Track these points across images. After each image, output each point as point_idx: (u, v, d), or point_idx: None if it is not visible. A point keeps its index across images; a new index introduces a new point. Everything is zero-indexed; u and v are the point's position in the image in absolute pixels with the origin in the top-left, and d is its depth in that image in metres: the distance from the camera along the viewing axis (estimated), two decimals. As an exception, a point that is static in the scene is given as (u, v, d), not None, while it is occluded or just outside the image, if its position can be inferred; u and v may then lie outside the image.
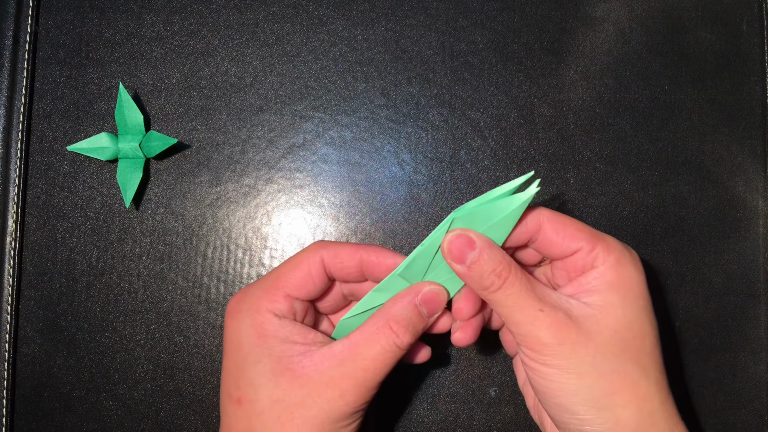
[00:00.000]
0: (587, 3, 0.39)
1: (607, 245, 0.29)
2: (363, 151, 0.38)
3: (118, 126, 0.37)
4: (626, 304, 0.29)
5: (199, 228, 0.38)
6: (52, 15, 0.38)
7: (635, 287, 0.29)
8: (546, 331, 0.28)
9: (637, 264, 0.30)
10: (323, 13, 0.39)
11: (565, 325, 0.28)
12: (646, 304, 0.29)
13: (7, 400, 0.37)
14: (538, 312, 0.28)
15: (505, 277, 0.28)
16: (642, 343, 0.29)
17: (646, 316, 0.29)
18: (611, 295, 0.29)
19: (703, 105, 0.39)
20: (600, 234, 0.30)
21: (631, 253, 0.30)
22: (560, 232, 0.30)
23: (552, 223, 0.30)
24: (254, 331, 0.29)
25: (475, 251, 0.29)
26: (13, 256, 0.37)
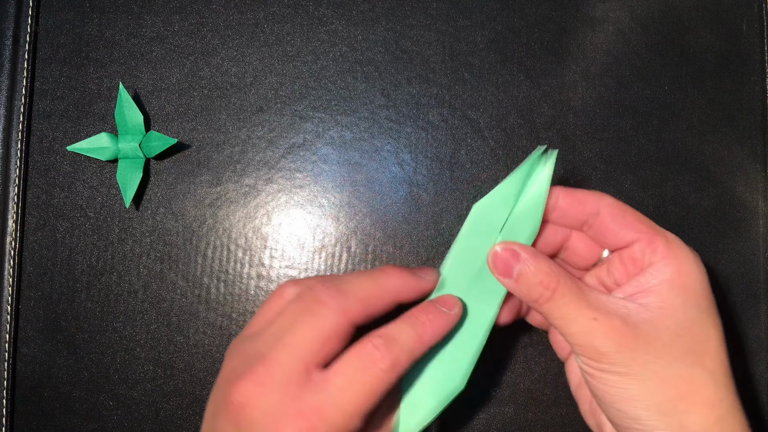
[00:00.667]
0: (587, 3, 0.39)
1: (667, 240, 0.28)
2: (363, 151, 0.38)
3: (118, 126, 0.37)
4: (687, 305, 0.27)
5: (199, 228, 0.38)
6: (52, 15, 0.38)
7: (697, 287, 0.28)
8: (603, 339, 0.27)
9: (698, 262, 0.28)
10: (323, 13, 0.39)
11: (623, 331, 0.27)
12: (710, 305, 0.28)
13: (7, 400, 0.37)
14: (592, 321, 0.27)
15: (554, 288, 0.28)
16: (706, 346, 0.27)
17: (709, 318, 0.28)
18: (671, 295, 0.27)
19: (703, 105, 0.39)
20: (661, 229, 0.29)
21: (692, 250, 0.29)
22: (618, 219, 0.29)
23: (611, 210, 0.29)
24: None
25: (520, 263, 0.28)
26: (13, 256, 0.37)
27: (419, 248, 0.38)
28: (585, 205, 0.29)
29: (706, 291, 0.28)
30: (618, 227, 0.29)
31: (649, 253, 0.28)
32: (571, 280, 0.28)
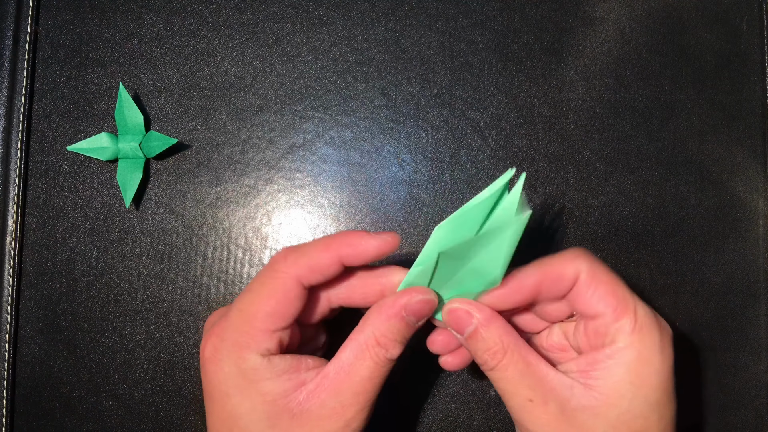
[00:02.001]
0: (587, 3, 0.39)
1: (635, 318, 0.27)
2: (363, 151, 0.38)
3: (118, 126, 0.37)
4: (636, 397, 0.26)
5: (199, 228, 0.38)
6: (52, 15, 0.38)
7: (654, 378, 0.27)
8: (533, 424, 0.27)
9: (664, 348, 0.27)
10: (323, 13, 0.39)
11: (555, 420, 0.26)
12: (662, 396, 0.27)
13: (7, 400, 0.37)
14: (527, 402, 0.27)
15: (499, 360, 0.27)
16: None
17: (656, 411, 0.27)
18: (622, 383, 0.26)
19: (703, 105, 0.39)
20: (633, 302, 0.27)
21: (661, 332, 0.27)
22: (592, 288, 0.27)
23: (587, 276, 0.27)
24: (242, 377, 0.26)
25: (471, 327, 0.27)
26: (13, 256, 0.37)
27: (419, 248, 0.38)
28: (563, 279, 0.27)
29: (663, 381, 0.27)
30: (589, 297, 0.27)
31: (614, 330, 0.27)
32: (519, 353, 0.27)
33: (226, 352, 0.27)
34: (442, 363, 0.31)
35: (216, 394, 0.27)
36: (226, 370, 0.27)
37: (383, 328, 0.27)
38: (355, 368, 0.27)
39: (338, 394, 0.27)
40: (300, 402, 0.27)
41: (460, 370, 0.31)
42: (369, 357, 0.27)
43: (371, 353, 0.27)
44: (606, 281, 0.27)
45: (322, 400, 0.27)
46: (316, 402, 0.27)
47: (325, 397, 0.27)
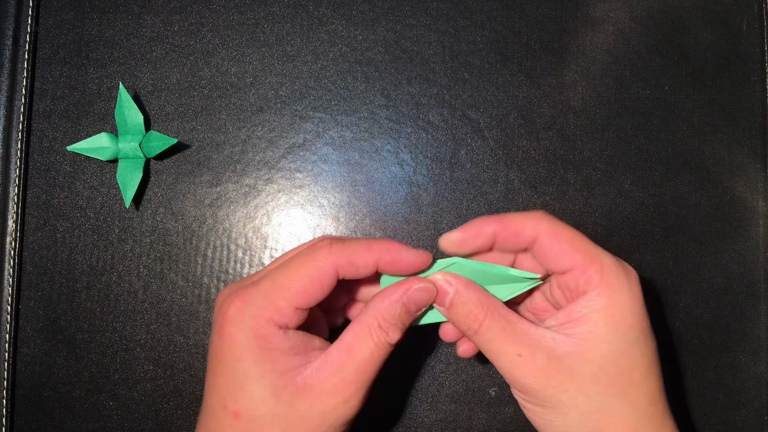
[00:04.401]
0: (587, 3, 0.39)
1: (602, 268, 0.28)
2: (363, 151, 0.38)
3: (118, 126, 0.37)
4: (614, 337, 0.28)
5: (199, 228, 0.38)
6: (52, 15, 0.38)
7: (627, 317, 0.28)
8: (526, 376, 0.28)
9: (633, 289, 0.28)
10: (323, 13, 0.39)
11: (546, 368, 0.28)
12: (639, 334, 0.28)
13: (7, 400, 0.37)
14: (516, 357, 0.28)
15: (481, 321, 0.28)
16: (630, 376, 0.28)
17: (636, 348, 0.28)
18: (598, 326, 0.28)
19: (703, 105, 0.39)
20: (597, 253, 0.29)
21: (628, 275, 0.29)
22: (555, 246, 0.29)
23: (548, 235, 0.29)
24: (257, 345, 0.27)
25: (450, 295, 0.29)
26: (13, 256, 0.37)
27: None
28: (522, 235, 0.29)
29: (637, 319, 0.28)
30: (554, 254, 0.29)
31: (583, 282, 0.28)
32: (499, 313, 0.29)
33: (249, 315, 0.28)
34: (460, 353, 0.33)
35: (227, 357, 0.28)
36: (245, 335, 0.27)
37: (385, 312, 0.29)
38: (356, 348, 0.28)
39: (340, 371, 0.28)
40: (304, 377, 0.28)
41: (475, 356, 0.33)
42: (370, 338, 0.28)
43: (373, 335, 0.28)
44: (567, 238, 0.29)
45: (324, 377, 0.28)
46: (318, 378, 0.28)
47: (327, 374, 0.28)
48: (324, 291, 0.28)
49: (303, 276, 0.28)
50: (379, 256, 0.29)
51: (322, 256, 0.28)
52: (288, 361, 0.28)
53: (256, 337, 0.27)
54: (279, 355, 0.28)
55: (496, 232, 0.29)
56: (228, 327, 0.28)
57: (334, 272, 0.28)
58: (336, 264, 0.28)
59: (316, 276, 0.28)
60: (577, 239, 0.29)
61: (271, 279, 0.28)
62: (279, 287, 0.28)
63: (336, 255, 0.28)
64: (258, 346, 0.27)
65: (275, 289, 0.28)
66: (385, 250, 0.29)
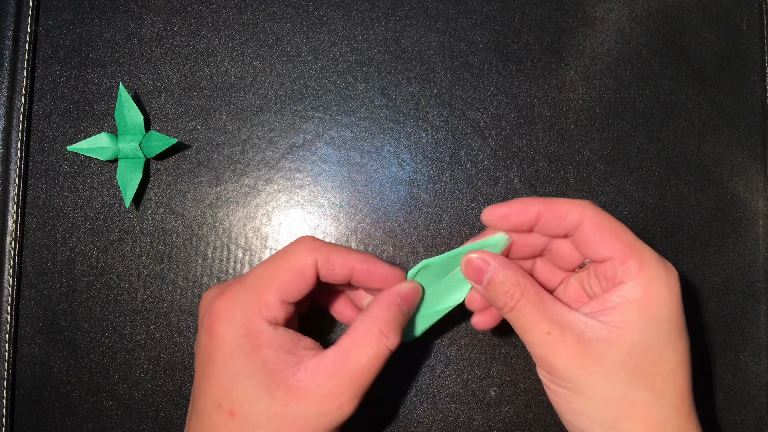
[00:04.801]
0: (587, 3, 0.39)
1: (642, 260, 0.28)
2: (363, 151, 0.38)
3: (118, 126, 0.37)
4: (647, 328, 0.28)
5: (199, 228, 0.38)
6: (52, 15, 0.38)
7: (662, 309, 0.28)
8: (554, 354, 0.28)
9: (671, 284, 0.28)
10: (323, 13, 0.39)
11: (573, 349, 0.28)
12: (673, 328, 0.28)
13: (7, 400, 0.37)
14: (545, 335, 0.28)
15: (517, 299, 0.29)
16: (660, 368, 0.28)
17: (668, 341, 0.28)
18: (632, 316, 0.28)
19: (703, 105, 0.39)
20: (639, 246, 0.29)
21: (668, 270, 0.29)
22: (597, 234, 0.29)
23: (591, 223, 0.29)
24: (248, 341, 0.28)
25: (488, 273, 0.29)
26: (13, 256, 0.37)
27: (419, 248, 0.38)
28: (566, 219, 0.29)
29: (672, 314, 0.28)
30: (596, 242, 0.29)
31: (621, 272, 0.28)
32: (535, 292, 0.29)
33: (238, 312, 0.28)
34: (474, 323, 0.33)
35: (218, 356, 0.28)
36: (235, 330, 0.28)
37: (385, 317, 0.29)
38: (355, 355, 0.28)
39: (337, 377, 0.28)
40: (298, 379, 0.28)
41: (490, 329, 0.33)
42: (370, 345, 0.28)
43: (373, 342, 0.28)
44: (610, 227, 0.29)
45: (320, 381, 0.28)
46: (314, 381, 0.28)
47: (323, 379, 0.28)
48: (307, 284, 0.29)
49: (286, 269, 0.29)
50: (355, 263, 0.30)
51: (303, 250, 0.29)
52: (278, 359, 0.28)
53: (246, 334, 0.28)
54: (269, 352, 0.28)
55: (541, 213, 0.29)
56: (217, 326, 0.28)
57: (314, 267, 0.29)
58: (314, 259, 0.29)
59: (298, 268, 0.29)
60: (620, 230, 0.29)
61: (256, 275, 0.29)
62: (264, 282, 0.28)
63: (316, 251, 0.29)
64: (249, 343, 0.28)
65: (261, 284, 0.28)
66: (362, 260, 0.30)
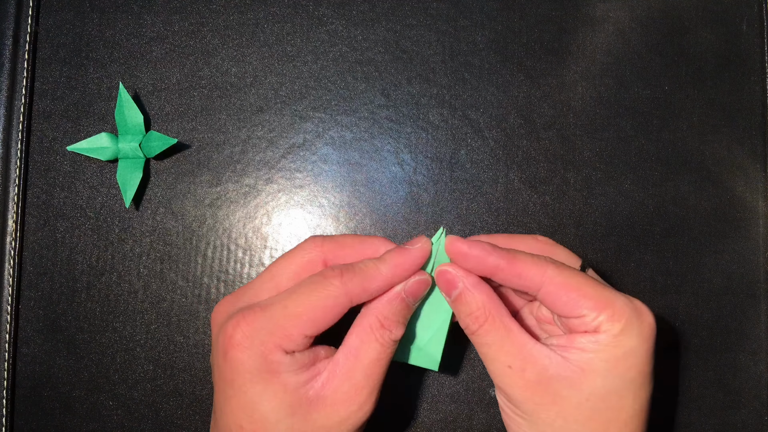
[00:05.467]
0: (587, 3, 0.39)
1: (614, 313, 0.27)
2: (363, 151, 0.38)
3: (118, 126, 0.37)
4: (610, 375, 0.27)
5: (199, 228, 0.38)
6: (52, 15, 0.38)
7: (630, 358, 0.27)
8: (511, 388, 0.28)
9: (643, 332, 0.27)
10: (323, 13, 0.39)
11: (532, 386, 0.27)
12: (637, 375, 0.27)
13: (7, 400, 0.37)
14: (506, 368, 0.28)
15: (481, 324, 0.28)
16: (617, 415, 0.27)
17: (630, 389, 0.27)
18: (597, 360, 0.27)
19: (703, 105, 0.39)
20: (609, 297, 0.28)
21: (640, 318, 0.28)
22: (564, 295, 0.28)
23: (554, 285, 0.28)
24: (267, 369, 0.27)
25: (457, 290, 0.29)
26: (13, 256, 0.37)
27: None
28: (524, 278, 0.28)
29: (640, 361, 0.27)
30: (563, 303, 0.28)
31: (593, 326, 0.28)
32: (501, 320, 0.28)
33: (258, 342, 0.27)
34: None
35: (238, 381, 0.27)
36: (254, 359, 0.27)
37: (386, 310, 0.29)
38: (362, 351, 0.28)
39: (350, 378, 0.28)
40: (316, 390, 0.28)
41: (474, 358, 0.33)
42: (374, 339, 0.28)
43: (376, 335, 0.28)
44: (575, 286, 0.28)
45: (336, 386, 0.28)
46: (330, 388, 0.28)
47: (338, 383, 0.28)
48: (335, 319, 0.28)
49: (315, 306, 0.27)
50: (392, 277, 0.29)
51: (334, 286, 0.28)
52: (298, 380, 0.27)
53: (265, 363, 0.27)
54: (288, 377, 0.27)
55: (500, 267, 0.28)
56: (234, 352, 0.27)
57: (348, 301, 0.28)
58: (349, 293, 0.28)
59: (329, 305, 0.28)
60: (585, 286, 0.28)
61: (282, 306, 0.28)
62: (289, 315, 0.27)
63: (349, 285, 0.28)
64: (267, 370, 0.27)
65: (285, 316, 0.27)
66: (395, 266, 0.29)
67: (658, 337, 0.28)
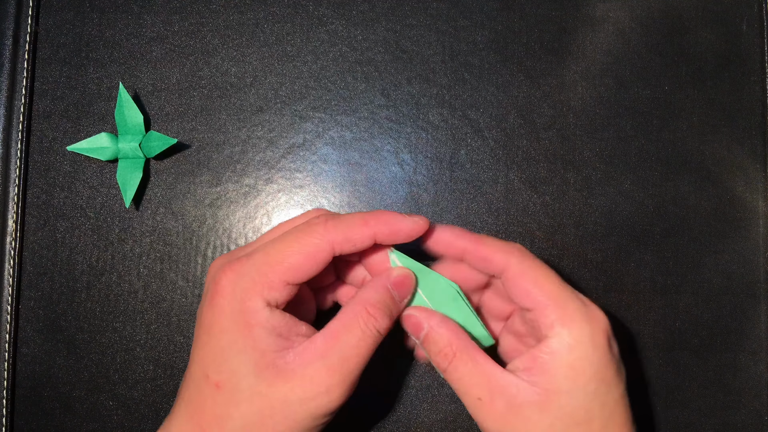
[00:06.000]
0: (587, 3, 0.39)
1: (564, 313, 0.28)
2: (363, 151, 0.38)
3: (118, 126, 0.37)
4: (573, 390, 0.28)
5: (199, 228, 0.38)
6: (52, 15, 0.38)
7: (587, 369, 0.28)
8: (484, 419, 0.28)
9: (595, 338, 0.28)
10: (323, 13, 0.39)
11: (503, 415, 0.28)
12: (599, 384, 0.28)
13: (7, 400, 0.37)
14: (476, 401, 0.28)
15: (450, 360, 0.29)
16: (588, 427, 0.28)
17: (595, 399, 0.28)
18: (559, 379, 0.28)
19: (703, 105, 0.39)
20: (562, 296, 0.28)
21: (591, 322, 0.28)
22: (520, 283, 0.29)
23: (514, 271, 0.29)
24: (243, 319, 0.27)
25: (423, 331, 0.30)
26: (13, 256, 0.37)
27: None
28: (490, 262, 0.29)
29: (597, 371, 0.28)
30: (518, 291, 0.29)
31: (544, 325, 0.28)
32: (468, 354, 0.29)
33: (239, 288, 0.27)
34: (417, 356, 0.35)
35: (215, 328, 0.28)
36: (233, 305, 0.27)
37: (371, 298, 0.29)
38: (343, 335, 0.28)
39: (324, 357, 0.27)
40: (287, 361, 0.27)
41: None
42: (358, 326, 0.28)
43: (361, 321, 0.28)
44: (533, 277, 0.29)
45: (306, 361, 0.27)
46: (300, 362, 0.27)
47: (309, 359, 0.27)
48: (318, 267, 0.28)
49: (297, 251, 0.28)
50: (376, 229, 0.29)
51: (317, 233, 0.28)
52: (269, 341, 0.27)
53: (242, 310, 0.27)
54: (261, 333, 0.27)
55: (467, 250, 0.30)
56: (218, 298, 0.28)
57: (330, 249, 0.28)
58: (332, 240, 0.28)
59: (311, 251, 0.28)
60: (543, 279, 0.29)
61: (265, 252, 0.28)
62: (272, 261, 0.28)
63: (332, 231, 0.28)
64: (243, 320, 0.27)
65: (268, 263, 0.28)
66: (382, 222, 0.29)
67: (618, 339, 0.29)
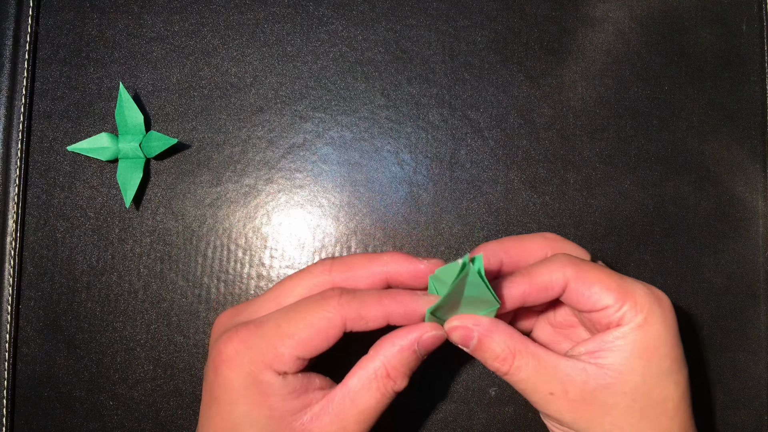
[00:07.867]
0: (587, 3, 0.39)
1: (636, 301, 0.28)
2: (363, 151, 0.38)
3: (118, 126, 0.37)
4: (647, 369, 0.27)
5: (199, 228, 0.38)
6: (52, 15, 0.38)
7: (660, 348, 0.28)
8: (560, 412, 0.28)
9: (666, 319, 0.28)
10: (323, 13, 0.39)
11: (579, 404, 0.27)
12: (672, 363, 0.28)
13: (7, 400, 0.37)
14: (548, 396, 0.28)
15: (510, 364, 0.28)
16: (664, 407, 0.28)
17: (669, 378, 0.28)
18: (632, 359, 0.27)
19: (703, 105, 0.39)
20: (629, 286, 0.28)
21: (661, 305, 0.28)
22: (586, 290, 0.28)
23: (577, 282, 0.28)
24: (255, 390, 0.26)
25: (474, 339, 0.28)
26: (13, 256, 0.37)
27: (419, 248, 0.38)
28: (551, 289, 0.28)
29: (671, 349, 0.28)
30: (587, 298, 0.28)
31: (617, 318, 0.28)
32: (527, 352, 0.28)
33: (247, 360, 0.27)
34: None
35: (224, 399, 0.27)
36: (242, 377, 0.27)
37: (395, 360, 0.27)
38: (360, 397, 0.27)
39: (341, 420, 0.27)
40: (303, 423, 0.27)
41: None
42: (376, 388, 0.27)
43: (379, 384, 0.27)
44: (596, 279, 0.28)
45: (324, 425, 0.27)
46: (318, 425, 0.27)
47: (327, 423, 0.27)
48: (329, 343, 0.27)
49: (309, 325, 0.27)
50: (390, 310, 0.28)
51: (331, 307, 0.27)
52: (286, 406, 0.27)
53: (253, 383, 0.26)
54: (277, 401, 0.27)
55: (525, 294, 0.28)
56: (224, 368, 0.27)
57: (342, 325, 0.27)
58: (345, 317, 0.27)
59: (322, 327, 0.27)
60: (605, 277, 0.28)
61: (275, 324, 0.27)
62: (282, 334, 0.27)
63: (345, 307, 0.27)
64: (256, 391, 0.26)
65: (278, 335, 0.27)
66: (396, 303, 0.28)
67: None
